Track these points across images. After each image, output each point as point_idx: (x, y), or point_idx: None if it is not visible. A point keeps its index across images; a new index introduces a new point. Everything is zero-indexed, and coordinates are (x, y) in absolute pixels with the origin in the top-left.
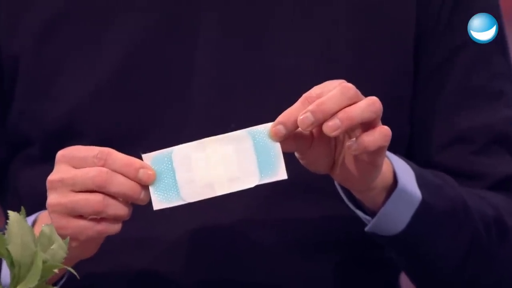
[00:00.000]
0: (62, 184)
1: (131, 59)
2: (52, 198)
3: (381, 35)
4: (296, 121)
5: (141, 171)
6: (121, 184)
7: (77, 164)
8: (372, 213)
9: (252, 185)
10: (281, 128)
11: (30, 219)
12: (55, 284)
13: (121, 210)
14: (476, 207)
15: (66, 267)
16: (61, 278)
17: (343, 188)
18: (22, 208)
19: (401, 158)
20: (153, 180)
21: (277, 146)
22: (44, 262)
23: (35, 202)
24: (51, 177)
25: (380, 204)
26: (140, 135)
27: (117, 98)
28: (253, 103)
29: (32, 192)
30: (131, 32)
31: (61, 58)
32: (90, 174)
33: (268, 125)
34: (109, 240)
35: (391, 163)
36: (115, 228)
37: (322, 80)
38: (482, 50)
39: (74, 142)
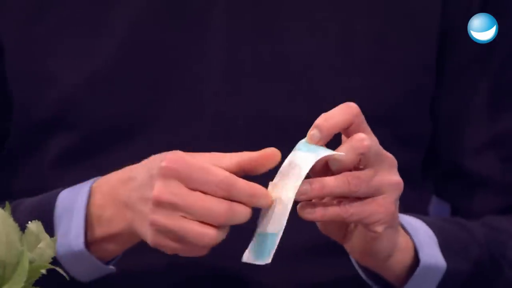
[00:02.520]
0: (175, 208)
1: (133, 43)
2: (159, 217)
3: (402, 28)
4: (332, 125)
5: (262, 200)
6: (241, 218)
7: (192, 185)
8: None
9: (311, 163)
10: (315, 133)
11: (86, 187)
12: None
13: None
14: (505, 254)
15: (58, 268)
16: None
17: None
18: (7, 203)
19: (423, 222)
20: (270, 206)
21: (319, 149)
22: (30, 262)
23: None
24: (161, 193)
25: (402, 279)
26: (139, 128)
27: (115, 86)
28: (264, 92)
29: (13, 190)
30: (134, 14)
31: (53, 39)
32: (215, 211)
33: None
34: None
35: (411, 238)
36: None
37: (338, 71)
38: None
39: (64, 133)
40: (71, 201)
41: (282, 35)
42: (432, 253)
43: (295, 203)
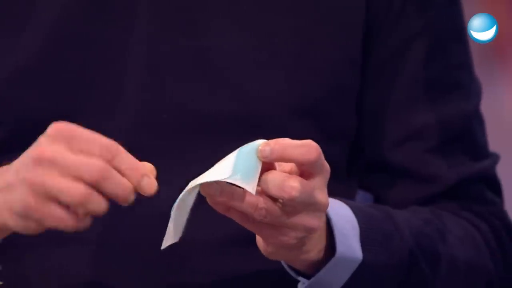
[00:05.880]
0: (53, 165)
1: (56, 38)
2: (35, 174)
3: (327, 23)
4: (285, 157)
5: (145, 179)
6: (118, 185)
7: (76, 147)
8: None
9: (221, 178)
10: (267, 151)
11: None
12: None
13: (101, 207)
14: (426, 248)
15: None
16: None
17: None
18: None
19: (349, 208)
20: (154, 191)
21: (258, 164)
22: None
23: None
24: (42, 151)
25: (314, 267)
26: (64, 121)
27: (40, 80)
28: (188, 88)
29: None
30: (58, 9)
31: None
32: (92, 168)
33: (261, 141)
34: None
35: (331, 225)
36: (85, 223)
37: (263, 66)
38: (438, 39)
39: None
40: None
41: (205, 30)
42: (349, 244)
43: None
